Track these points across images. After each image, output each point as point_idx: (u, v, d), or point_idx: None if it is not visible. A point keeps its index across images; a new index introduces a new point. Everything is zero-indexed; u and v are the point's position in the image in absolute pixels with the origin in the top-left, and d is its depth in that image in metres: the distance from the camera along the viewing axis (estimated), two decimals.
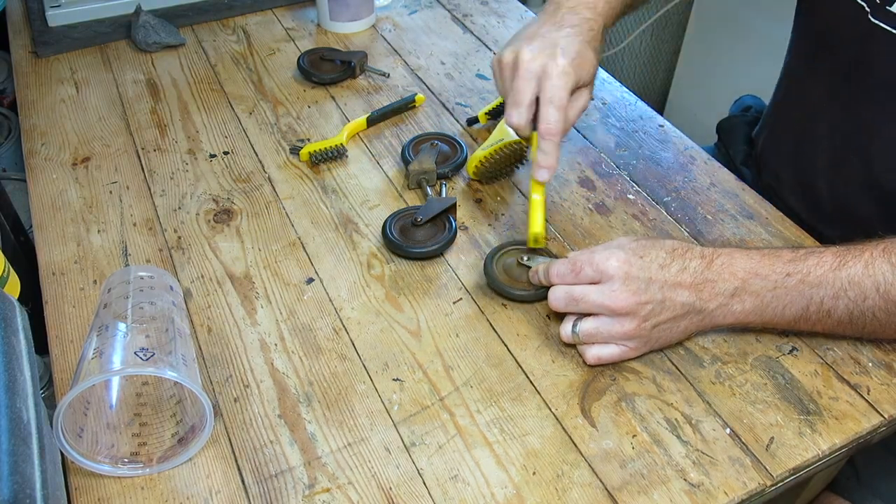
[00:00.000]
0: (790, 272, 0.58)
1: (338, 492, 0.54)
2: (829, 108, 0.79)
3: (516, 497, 0.54)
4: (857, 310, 0.58)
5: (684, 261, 0.59)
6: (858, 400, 0.60)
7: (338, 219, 0.76)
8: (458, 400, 0.60)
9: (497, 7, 1.11)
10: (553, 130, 0.66)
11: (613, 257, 0.59)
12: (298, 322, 0.66)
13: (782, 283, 0.58)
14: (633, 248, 0.60)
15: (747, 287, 0.59)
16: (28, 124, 0.87)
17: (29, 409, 0.41)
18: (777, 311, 0.59)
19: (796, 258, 0.59)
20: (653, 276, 0.58)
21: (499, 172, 0.81)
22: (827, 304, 0.58)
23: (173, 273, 0.70)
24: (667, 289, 0.58)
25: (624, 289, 0.58)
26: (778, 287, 0.58)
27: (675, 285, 0.59)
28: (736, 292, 0.59)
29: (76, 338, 0.64)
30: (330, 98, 0.93)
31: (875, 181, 0.75)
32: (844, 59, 0.75)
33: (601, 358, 0.61)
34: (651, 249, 0.60)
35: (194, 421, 0.56)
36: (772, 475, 0.56)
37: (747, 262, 0.59)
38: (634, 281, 0.58)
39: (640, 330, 0.59)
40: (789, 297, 0.59)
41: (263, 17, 1.08)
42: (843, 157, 0.78)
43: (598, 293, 0.59)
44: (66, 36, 1.01)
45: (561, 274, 0.62)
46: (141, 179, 0.80)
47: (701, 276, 0.59)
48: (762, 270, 0.59)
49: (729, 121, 1.04)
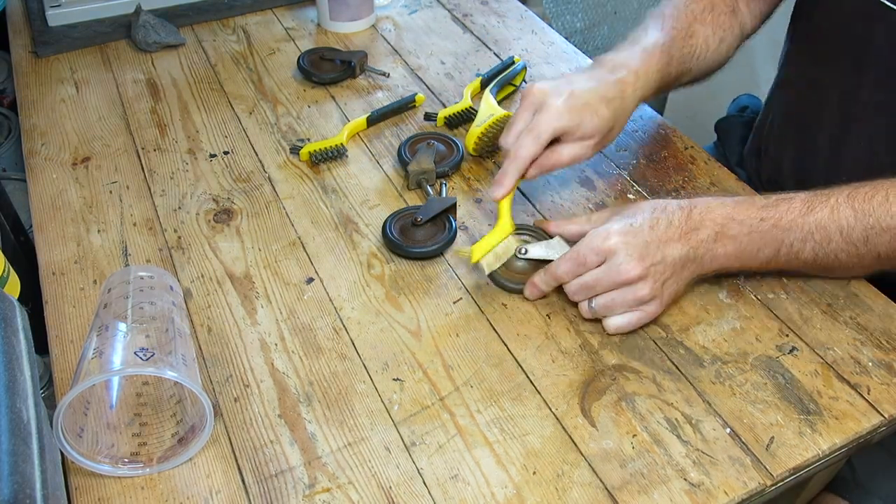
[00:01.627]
0: (763, 217, 0.63)
1: (338, 491, 0.54)
2: (829, 91, 0.79)
3: (516, 497, 0.54)
4: (821, 251, 0.63)
5: (667, 215, 0.63)
6: (858, 400, 0.60)
7: (338, 218, 0.76)
8: (458, 400, 0.60)
9: (497, 7, 1.11)
10: (519, 154, 0.67)
11: (611, 235, 0.63)
12: (298, 322, 0.66)
13: (757, 228, 0.63)
14: (621, 217, 0.64)
15: (726, 231, 0.63)
16: (28, 124, 0.87)
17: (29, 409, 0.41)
18: (752, 253, 0.64)
19: (768, 205, 0.64)
20: (648, 239, 0.62)
21: (497, 145, 0.83)
22: (796, 246, 0.63)
23: (173, 273, 0.70)
24: (663, 246, 0.62)
25: (629, 259, 0.61)
26: (753, 231, 0.63)
27: (668, 241, 0.62)
28: (717, 237, 0.63)
29: (76, 338, 0.64)
30: (330, 98, 0.93)
31: (876, 162, 0.76)
32: (845, 39, 0.76)
33: (621, 328, 0.64)
34: (637, 215, 0.64)
35: (194, 421, 0.56)
36: (772, 475, 0.56)
37: (723, 209, 0.64)
38: (635, 248, 0.62)
39: (653, 291, 0.62)
40: (763, 241, 0.63)
41: (263, 16, 1.08)
42: (843, 139, 0.79)
43: (608, 272, 0.62)
44: (66, 36, 1.01)
45: (568, 270, 0.64)
46: (141, 179, 0.80)
47: (686, 225, 0.63)
48: (738, 216, 0.63)
49: (726, 121, 1.04)
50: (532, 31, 1.06)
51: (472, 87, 0.92)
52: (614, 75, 0.71)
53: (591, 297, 0.64)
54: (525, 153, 0.67)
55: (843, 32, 0.76)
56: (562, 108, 0.67)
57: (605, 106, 0.69)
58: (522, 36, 1.04)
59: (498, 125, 0.81)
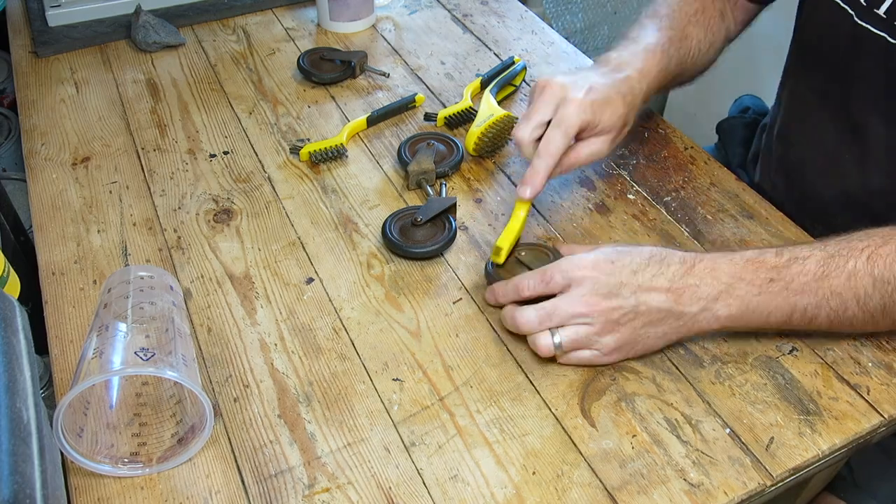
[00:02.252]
0: (773, 278, 0.59)
1: (337, 492, 0.54)
2: (820, 110, 0.79)
3: (516, 497, 0.54)
4: (836, 318, 0.59)
5: (661, 266, 0.59)
6: (858, 400, 0.60)
7: (338, 219, 0.76)
8: (458, 400, 0.60)
9: (497, 7, 1.11)
10: (550, 150, 0.66)
11: (582, 263, 0.59)
12: (298, 322, 0.66)
13: (766, 289, 0.58)
14: (606, 253, 0.60)
15: (732, 291, 0.59)
16: (28, 124, 0.87)
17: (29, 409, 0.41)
18: (762, 316, 0.59)
19: (779, 265, 0.59)
20: (623, 281, 0.58)
21: (497, 146, 0.85)
22: (810, 312, 0.59)
23: (173, 273, 0.70)
24: (640, 293, 0.58)
25: (592, 293, 0.58)
26: (763, 293, 0.59)
27: (649, 289, 0.58)
28: (720, 296, 0.59)
29: (76, 338, 0.64)
30: (330, 98, 0.93)
31: (868, 181, 0.76)
32: (832, 61, 0.76)
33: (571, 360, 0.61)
34: (626, 256, 0.60)
35: (194, 421, 0.56)
36: (772, 475, 0.56)
37: (730, 268, 0.59)
38: (603, 286, 0.58)
39: (618, 336, 0.59)
40: (774, 304, 0.59)
41: (263, 17, 1.08)
42: (834, 159, 0.79)
43: (569, 301, 0.59)
44: (66, 36, 1.01)
45: (531, 286, 0.61)
46: (141, 179, 0.80)
47: (680, 280, 0.59)
48: (746, 276, 0.59)
49: (728, 122, 1.04)
50: (532, 31, 1.06)
51: (472, 87, 0.92)
52: (622, 73, 0.71)
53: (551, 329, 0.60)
54: (555, 148, 0.66)
55: (832, 55, 0.76)
56: (586, 102, 0.66)
57: (621, 101, 0.69)
58: (522, 36, 1.04)
59: (498, 125, 0.81)
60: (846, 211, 0.79)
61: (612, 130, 0.69)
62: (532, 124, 0.67)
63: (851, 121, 0.75)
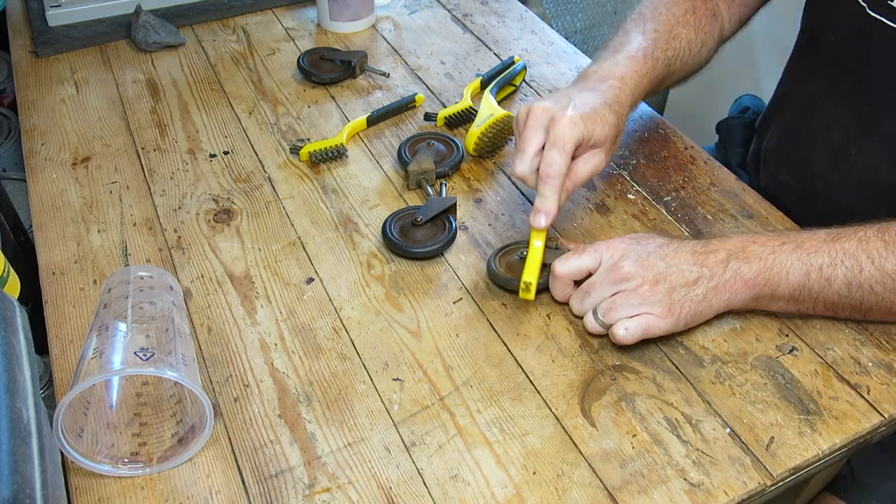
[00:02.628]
0: (784, 241, 0.62)
1: (338, 491, 0.54)
2: (828, 105, 0.79)
3: (516, 497, 0.54)
4: (854, 280, 0.60)
5: (680, 243, 0.64)
6: (858, 400, 0.60)
7: (338, 219, 0.76)
8: (458, 400, 0.60)
9: (497, 7, 1.11)
10: (552, 173, 0.64)
11: (612, 244, 0.64)
12: (298, 322, 0.66)
13: (780, 249, 0.62)
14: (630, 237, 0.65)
15: (745, 250, 0.62)
16: (28, 124, 0.87)
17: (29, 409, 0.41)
18: (782, 274, 0.61)
19: (788, 232, 0.64)
20: (651, 251, 0.63)
21: (497, 146, 0.85)
22: (826, 271, 0.61)
23: (173, 273, 0.70)
24: (668, 258, 0.62)
25: (625, 262, 0.62)
26: (775, 252, 0.62)
27: (674, 255, 0.62)
28: (737, 255, 0.62)
29: (76, 338, 0.64)
30: (330, 98, 0.93)
31: (876, 177, 0.76)
32: (843, 54, 0.75)
33: (628, 335, 0.60)
34: (646, 238, 0.65)
35: (194, 421, 0.56)
36: (772, 475, 0.56)
37: (740, 238, 0.64)
38: (634, 256, 0.62)
39: (656, 292, 0.61)
40: (789, 261, 0.61)
41: (263, 17, 1.08)
42: (842, 154, 0.78)
43: (603, 272, 0.63)
44: (66, 36, 1.01)
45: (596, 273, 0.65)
46: (141, 179, 0.80)
47: (701, 248, 0.63)
48: (756, 239, 0.63)
49: (727, 122, 1.04)
50: (532, 31, 1.06)
51: (472, 87, 0.92)
52: (604, 83, 0.70)
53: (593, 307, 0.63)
54: (557, 170, 0.64)
55: (843, 47, 0.75)
56: (576, 117, 0.65)
57: (608, 111, 0.68)
58: (522, 36, 1.04)
59: (498, 125, 0.81)
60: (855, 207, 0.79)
61: (605, 142, 0.68)
62: (528, 155, 0.66)
63: (860, 115, 0.75)
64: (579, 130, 0.65)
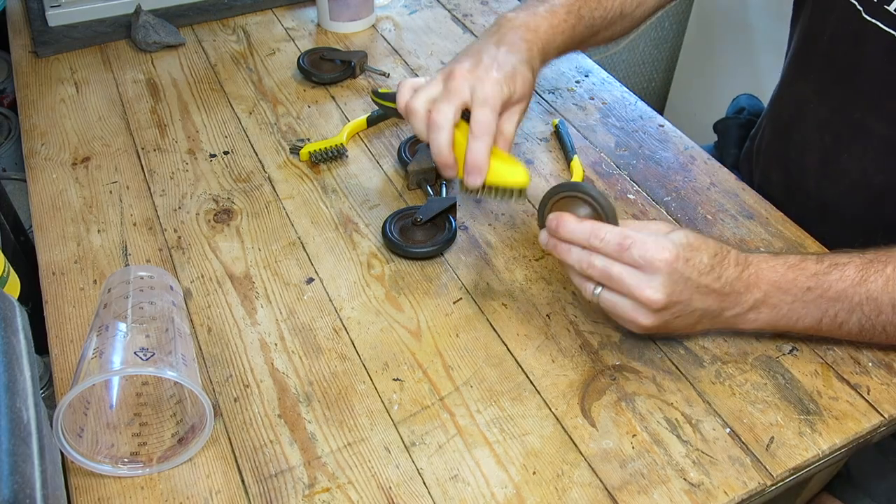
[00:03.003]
0: (811, 286, 0.59)
1: (338, 491, 0.54)
2: (819, 108, 0.79)
3: (516, 497, 0.54)
4: (868, 323, 0.59)
5: (721, 268, 0.58)
6: (858, 400, 0.60)
7: (338, 218, 0.76)
8: (458, 400, 0.60)
9: (497, 7, 1.11)
10: (486, 130, 0.63)
11: (666, 251, 0.56)
12: (298, 322, 0.66)
13: (801, 298, 0.59)
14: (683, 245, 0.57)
15: (767, 300, 0.59)
16: (28, 124, 0.87)
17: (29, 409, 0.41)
18: (790, 322, 0.60)
19: (819, 272, 0.59)
20: (691, 278, 0.57)
21: None
22: (840, 317, 0.59)
23: (173, 273, 0.70)
24: (697, 293, 0.57)
25: (662, 287, 0.56)
26: (796, 301, 0.59)
27: (707, 292, 0.58)
28: (756, 304, 0.59)
29: (76, 338, 0.64)
30: (330, 98, 0.93)
31: (868, 181, 0.76)
32: (836, 57, 0.75)
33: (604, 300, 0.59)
34: (697, 252, 0.58)
35: (194, 421, 0.56)
36: (772, 475, 0.56)
37: (772, 275, 0.59)
38: (676, 282, 0.56)
39: (657, 321, 0.58)
40: (805, 311, 0.59)
41: (263, 17, 1.08)
42: (833, 158, 0.78)
43: (636, 280, 0.56)
44: (66, 36, 1.01)
45: (607, 241, 0.57)
46: (141, 179, 0.80)
47: (731, 286, 0.58)
48: (784, 284, 0.59)
49: (723, 122, 1.04)
50: None
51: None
52: (517, 34, 0.69)
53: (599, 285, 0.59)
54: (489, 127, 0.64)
55: (835, 51, 0.75)
56: (500, 78, 0.65)
57: (527, 68, 0.67)
58: None
59: None
60: (845, 209, 0.79)
61: (524, 98, 0.68)
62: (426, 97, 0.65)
63: (852, 119, 0.75)
64: (505, 90, 0.65)
